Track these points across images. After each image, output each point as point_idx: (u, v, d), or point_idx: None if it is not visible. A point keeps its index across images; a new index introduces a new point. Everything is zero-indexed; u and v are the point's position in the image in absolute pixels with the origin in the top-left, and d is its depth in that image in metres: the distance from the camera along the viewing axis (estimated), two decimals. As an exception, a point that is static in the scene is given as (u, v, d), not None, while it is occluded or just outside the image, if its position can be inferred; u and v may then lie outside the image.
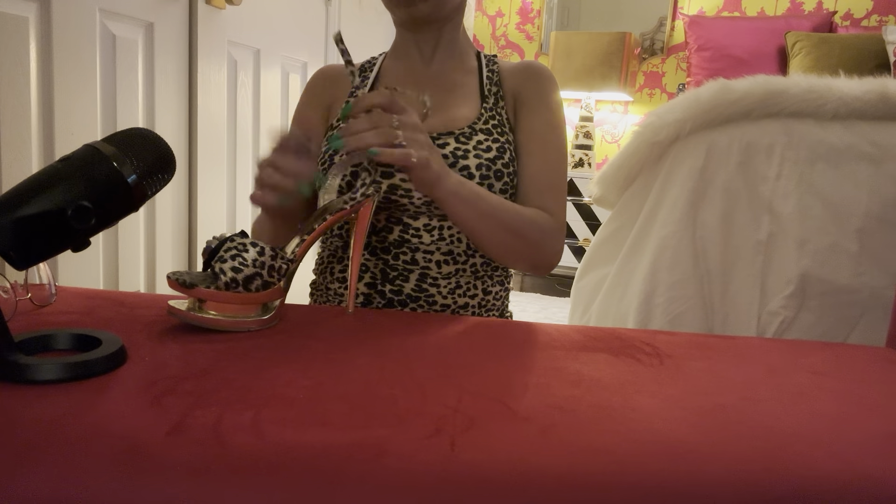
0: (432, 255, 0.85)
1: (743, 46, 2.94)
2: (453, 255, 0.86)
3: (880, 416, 0.51)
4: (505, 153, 0.88)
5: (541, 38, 3.62)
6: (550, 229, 0.87)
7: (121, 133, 0.54)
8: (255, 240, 0.65)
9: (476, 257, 0.88)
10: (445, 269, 0.86)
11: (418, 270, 0.85)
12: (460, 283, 0.87)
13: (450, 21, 0.93)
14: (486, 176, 0.85)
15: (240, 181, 1.83)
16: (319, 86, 0.99)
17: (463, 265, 0.87)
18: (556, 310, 2.99)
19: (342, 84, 0.98)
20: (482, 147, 0.86)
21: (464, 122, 0.89)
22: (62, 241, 0.49)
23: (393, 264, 0.85)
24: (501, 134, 0.90)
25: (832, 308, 1.28)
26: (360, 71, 1.00)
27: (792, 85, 1.31)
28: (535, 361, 0.59)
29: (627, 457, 0.41)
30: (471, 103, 0.92)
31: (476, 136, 0.87)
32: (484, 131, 0.88)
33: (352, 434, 0.42)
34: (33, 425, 0.41)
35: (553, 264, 0.89)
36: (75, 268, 1.32)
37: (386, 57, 1.01)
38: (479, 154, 0.86)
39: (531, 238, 0.85)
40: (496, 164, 0.86)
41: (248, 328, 0.63)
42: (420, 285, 0.85)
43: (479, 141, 0.87)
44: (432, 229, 0.85)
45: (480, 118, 0.90)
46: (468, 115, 0.91)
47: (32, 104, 1.22)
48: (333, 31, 0.76)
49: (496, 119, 0.91)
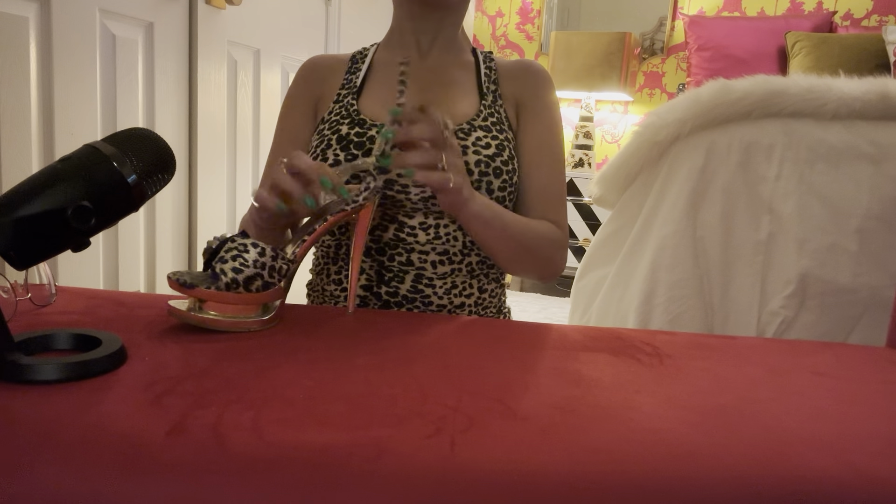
0: (427, 256, 0.85)
1: (743, 46, 2.93)
2: (448, 255, 0.85)
3: (880, 416, 0.51)
4: (504, 150, 0.87)
5: (541, 38, 3.62)
6: (560, 242, 0.91)
7: (121, 133, 0.54)
8: (255, 240, 0.65)
9: (472, 256, 0.87)
10: (441, 269, 0.85)
11: (413, 271, 0.85)
12: (456, 283, 0.87)
13: (457, 11, 0.92)
14: (485, 173, 0.84)
15: (240, 181, 1.83)
16: (307, 80, 0.96)
17: (458, 265, 0.86)
18: (556, 310, 2.99)
19: (331, 76, 0.95)
20: (481, 143, 0.86)
21: (462, 117, 0.88)
22: (62, 241, 0.49)
23: (388, 265, 0.85)
24: (500, 131, 0.89)
25: (832, 308, 1.28)
26: (353, 62, 0.97)
27: (792, 85, 1.31)
28: (535, 361, 0.59)
29: (627, 457, 0.41)
30: (469, 99, 0.91)
31: (475, 132, 0.86)
32: (483, 128, 0.87)
33: (352, 434, 0.42)
34: (33, 425, 0.41)
35: (560, 273, 0.93)
36: (75, 268, 1.32)
37: (379, 47, 0.98)
38: (478, 150, 0.85)
39: (545, 253, 0.88)
40: (495, 160, 0.85)
41: (248, 328, 0.63)
42: (416, 286, 0.85)
43: (479, 137, 0.86)
44: (428, 227, 0.84)
45: (479, 114, 0.89)
46: (467, 111, 0.89)
47: (32, 104, 1.22)
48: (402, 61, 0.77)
49: (495, 116, 0.90)
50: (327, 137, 0.87)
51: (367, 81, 0.94)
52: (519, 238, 0.84)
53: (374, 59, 0.96)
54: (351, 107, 0.90)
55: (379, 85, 0.93)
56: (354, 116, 0.88)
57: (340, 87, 0.93)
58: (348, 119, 0.88)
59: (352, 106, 0.90)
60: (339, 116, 0.89)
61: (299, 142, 0.94)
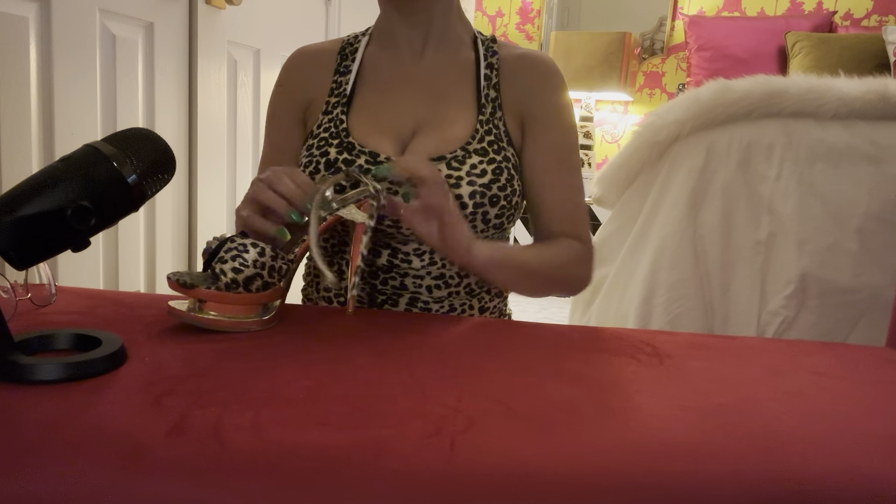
0: (423, 280, 0.81)
1: (743, 46, 2.94)
2: (444, 279, 0.82)
3: (880, 416, 0.51)
4: (501, 174, 0.81)
5: (541, 38, 3.62)
6: (582, 258, 0.87)
7: (121, 133, 0.54)
8: (255, 240, 0.65)
9: (470, 277, 0.83)
10: (437, 294, 0.82)
11: (408, 294, 0.82)
12: (454, 306, 0.83)
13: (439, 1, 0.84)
14: (481, 204, 0.79)
15: (240, 181, 1.83)
16: (292, 84, 0.91)
17: (456, 287, 0.83)
18: (556, 310, 2.99)
19: (318, 74, 0.89)
20: (476, 172, 0.79)
21: (456, 142, 0.81)
22: (62, 241, 0.49)
23: (381, 289, 0.82)
24: (498, 151, 0.82)
25: (832, 308, 1.28)
26: (342, 58, 0.90)
27: (792, 85, 1.31)
28: (535, 361, 0.59)
29: (627, 456, 0.41)
30: (465, 116, 0.84)
31: (469, 158, 0.80)
32: (479, 151, 0.81)
33: (352, 434, 0.42)
34: (33, 425, 0.41)
35: (588, 284, 0.89)
36: (75, 268, 1.32)
37: (370, 40, 0.90)
38: (473, 181, 0.79)
39: (568, 275, 0.86)
40: (491, 188, 0.79)
41: (248, 328, 0.63)
42: (410, 310, 0.82)
43: (473, 165, 0.80)
44: (422, 253, 0.80)
45: (475, 136, 0.82)
46: (461, 135, 0.82)
47: (32, 104, 1.22)
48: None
49: (493, 134, 0.83)
50: (315, 159, 0.82)
51: (357, 87, 0.87)
52: (537, 271, 0.81)
53: (366, 58, 0.89)
54: (340, 124, 0.84)
55: (370, 93, 0.87)
56: (343, 138, 0.83)
57: (329, 94, 0.87)
58: (337, 140, 0.83)
59: (341, 123, 0.84)
60: (329, 135, 0.84)
61: (287, 154, 0.90)
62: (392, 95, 0.87)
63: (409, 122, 0.85)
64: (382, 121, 0.85)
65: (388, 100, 0.86)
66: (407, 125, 0.85)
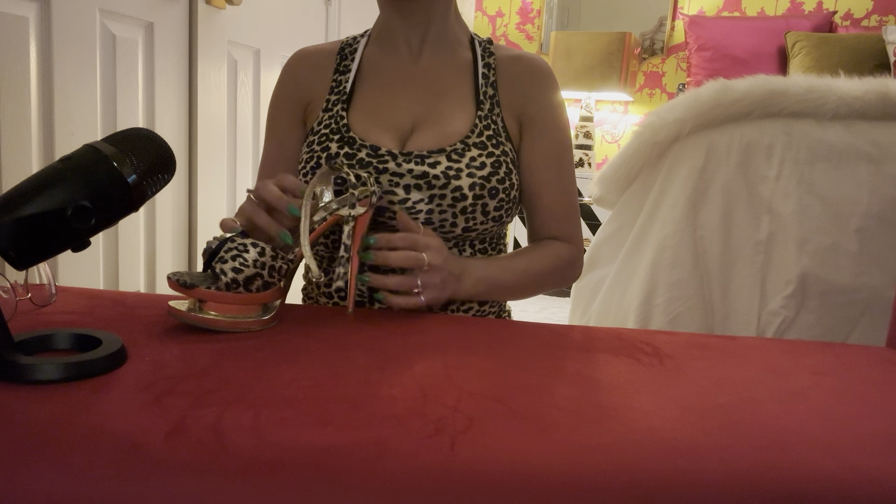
0: None
1: (743, 46, 2.93)
2: None
3: (880, 416, 0.51)
4: (500, 167, 0.83)
5: (541, 38, 3.62)
6: (571, 259, 0.91)
7: (121, 133, 0.54)
8: (255, 240, 0.65)
9: None
10: None
11: None
12: (453, 307, 0.85)
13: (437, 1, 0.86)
14: (480, 196, 0.81)
15: (240, 181, 1.83)
16: (293, 85, 0.92)
17: None
18: (556, 310, 2.99)
19: (318, 75, 0.90)
20: (475, 164, 0.81)
21: (456, 136, 0.83)
22: (62, 241, 0.49)
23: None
24: (497, 146, 0.84)
25: (832, 308, 1.28)
26: (341, 58, 0.91)
27: (792, 85, 1.31)
28: (535, 361, 0.59)
29: (627, 456, 0.41)
30: (464, 111, 0.86)
31: (469, 151, 0.82)
32: (478, 145, 0.83)
33: (352, 434, 0.42)
34: (33, 425, 0.41)
35: (576, 280, 0.95)
36: (75, 268, 1.32)
37: (369, 41, 0.92)
38: (473, 172, 0.81)
39: (558, 277, 0.91)
40: (490, 181, 0.81)
41: (248, 328, 0.63)
42: None
43: (473, 157, 0.82)
44: None
45: (474, 130, 0.84)
46: (460, 129, 0.84)
47: (32, 104, 1.22)
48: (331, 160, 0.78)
49: (491, 129, 0.85)
50: (316, 154, 0.84)
51: (357, 86, 0.89)
52: (525, 282, 0.85)
53: (365, 58, 0.90)
54: (341, 120, 0.85)
55: (370, 91, 0.88)
56: (344, 133, 0.84)
57: (329, 92, 0.88)
58: (338, 135, 0.84)
59: (342, 119, 0.85)
60: (329, 130, 0.85)
61: (287, 155, 0.91)
62: (391, 93, 0.88)
63: (408, 117, 0.87)
64: (382, 117, 0.86)
65: (387, 97, 0.88)
66: (406, 121, 0.86)
